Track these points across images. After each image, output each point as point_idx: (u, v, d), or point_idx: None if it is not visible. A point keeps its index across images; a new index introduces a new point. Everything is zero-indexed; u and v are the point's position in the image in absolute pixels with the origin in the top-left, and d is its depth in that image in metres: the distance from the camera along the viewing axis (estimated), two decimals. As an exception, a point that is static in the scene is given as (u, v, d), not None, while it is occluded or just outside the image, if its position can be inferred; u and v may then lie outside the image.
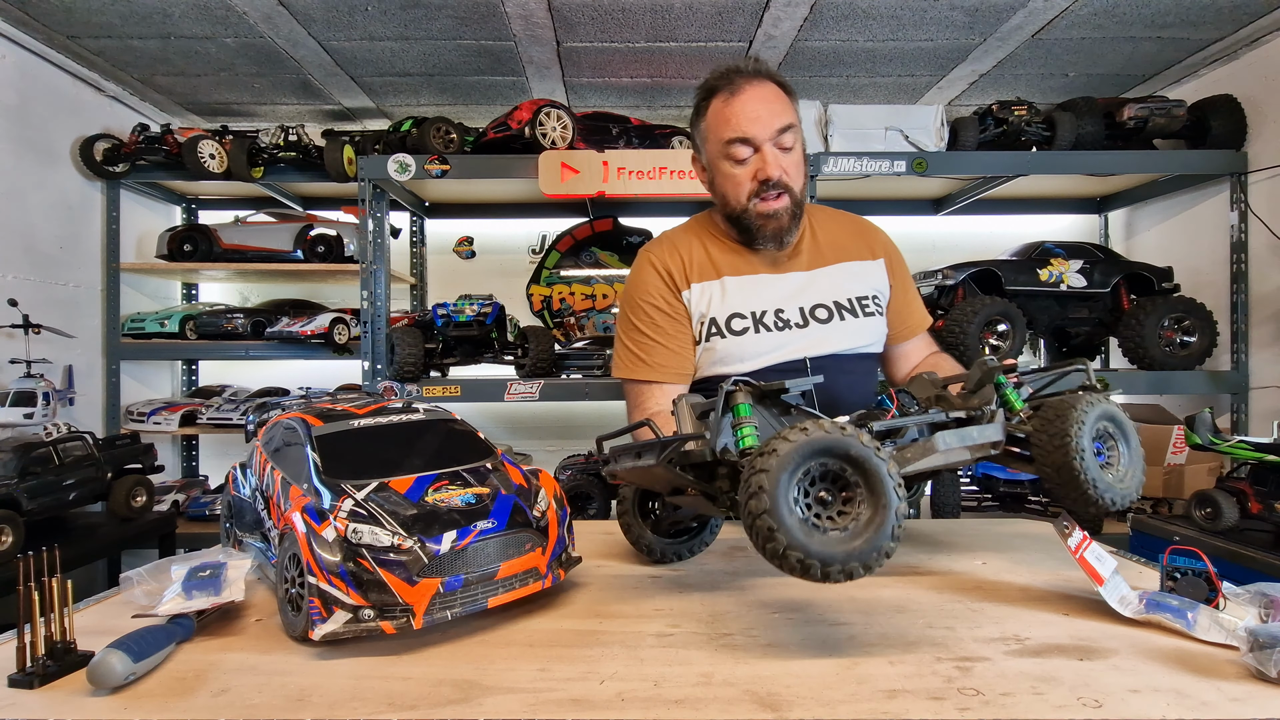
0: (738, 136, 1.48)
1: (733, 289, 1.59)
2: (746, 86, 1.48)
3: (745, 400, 0.86)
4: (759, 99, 1.48)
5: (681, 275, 1.61)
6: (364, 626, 0.78)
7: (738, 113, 1.48)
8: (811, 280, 1.62)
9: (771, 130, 1.48)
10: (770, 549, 0.71)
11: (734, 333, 1.56)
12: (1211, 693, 0.68)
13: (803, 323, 1.57)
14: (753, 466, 0.73)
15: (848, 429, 0.74)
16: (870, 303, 1.64)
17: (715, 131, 1.53)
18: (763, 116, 1.47)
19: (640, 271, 1.66)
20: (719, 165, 1.55)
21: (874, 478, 0.73)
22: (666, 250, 1.65)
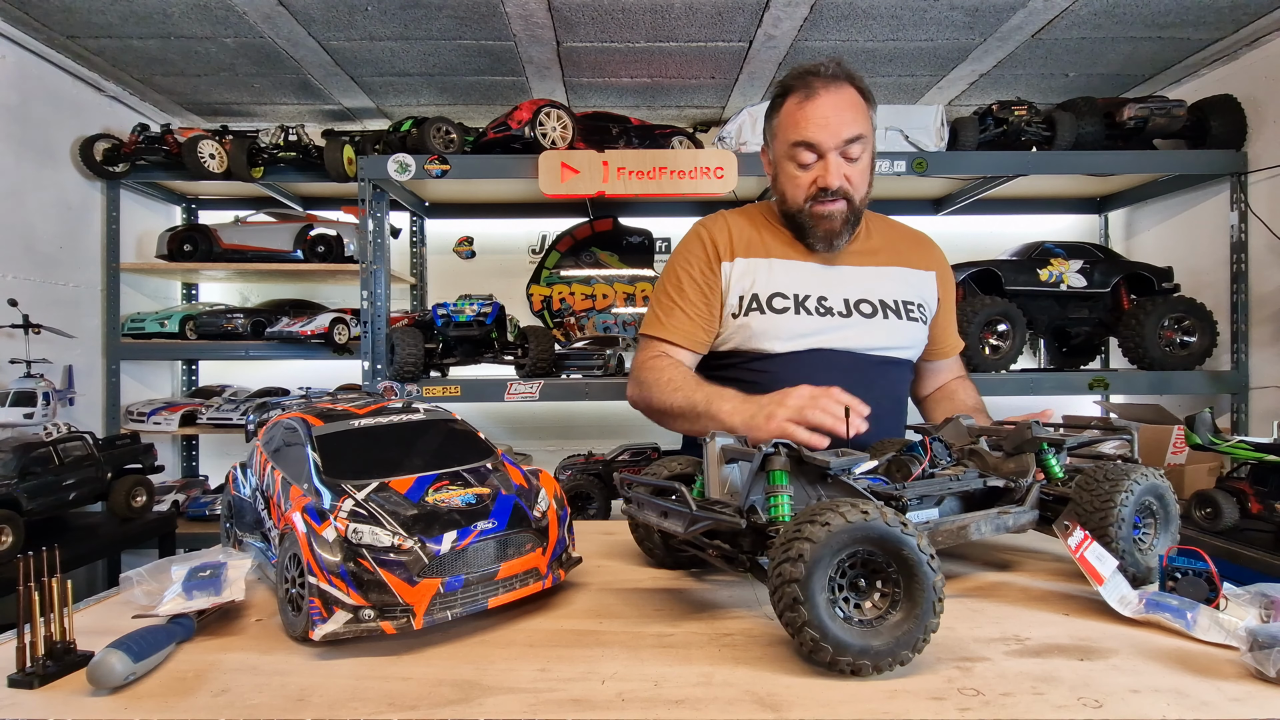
0: (803, 141, 1.50)
1: (779, 270, 1.61)
2: (821, 91, 1.49)
3: (782, 468, 0.84)
4: (832, 106, 1.48)
5: (727, 248, 1.64)
6: (364, 627, 0.78)
7: (809, 118, 1.49)
8: (860, 276, 1.64)
9: (839, 139, 1.49)
10: (790, 619, 0.70)
11: (774, 310, 1.57)
12: (1211, 693, 0.68)
13: (846, 313, 1.58)
14: (798, 532, 0.70)
15: (908, 526, 0.71)
16: (915, 309, 1.65)
17: (784, 132, 1.54)
18: (831, 124, 1.48)
19: (687, 240, 1.70)
20: (783, 164, 1.57)
21: (918, 585, 0.71)
22: (718, 224, 1.68)
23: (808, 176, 1.53)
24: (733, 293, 1.61)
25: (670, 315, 1.64)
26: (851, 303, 1.60)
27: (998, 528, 0.98)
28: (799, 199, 1.56)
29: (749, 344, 1.60)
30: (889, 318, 1.60)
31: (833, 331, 1.57)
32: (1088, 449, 1.19)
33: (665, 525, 0.87)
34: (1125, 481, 0.95)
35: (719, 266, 1.63)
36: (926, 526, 0.93)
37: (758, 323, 1.58)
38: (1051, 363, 3.43)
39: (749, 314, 1.58)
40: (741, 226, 1.67)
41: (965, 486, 1.00)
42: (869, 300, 1.61)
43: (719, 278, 1.63)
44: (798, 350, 1.56)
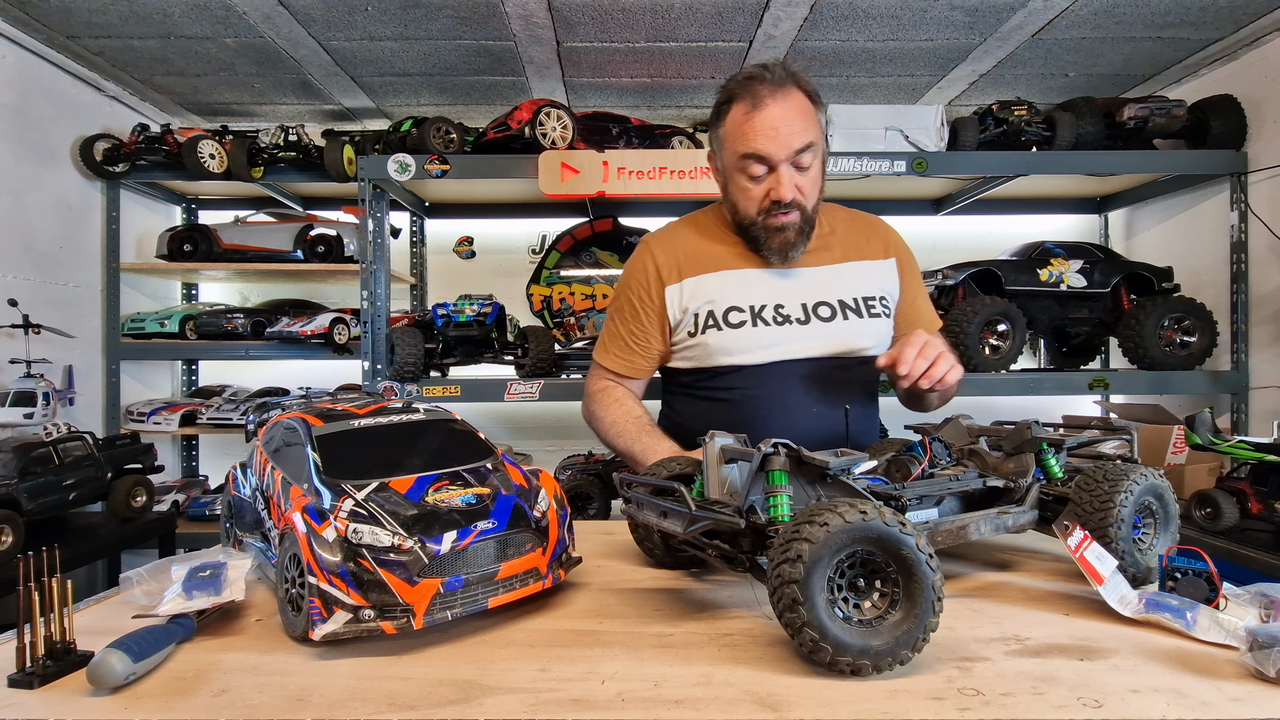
0: (753, 153, 1.45)
1: (733, 282, 1.58)
2: (769, 100, 1.43)
3: (782, 468, 0.84)
4: (780, 116, 1.43)
5: (672, 269, 1.61)
6: (364, 627, 0.78)
7: (757, 129, 1.44)
8: (817, 278, 1.60)
9: (789, 151, 1.44)
10: (789, 619, 0.70)
11: (730, 325, 1.54)
12: (1211, 692, 0.68)
13: (804, 319, 1.55)
14: (797, 533, 0.71)
15: (907, 525, 0.71)
16: (877, 304, 1.61)
17: (732, 143, 1.49)
18: (781, 135, 1.43)
19: (634, 261, 1.69)
20: (733, 176, 1.53)
21: (917, 585, 0.71)
22: (664, 243, 1.66)
23: (759, 189, 1.49)
24: (687, 312, 1.59)
25: (615, 343, 1.67)
26: (809, 307, 1.56)
27: (997, 528, 0.98)
28: (751, 212, 1.52)
29: (709, 361, 1.57)
30: (849, 318, 1.57)
31: (793, 341, 1.54)
32: (1087, 449, 1.19)
33: (665, 525, 0.87)
34: (1125, 481, 0.95)
35: (661, 293, 1.61)
36: (926, 526, 0.93)
37: (715, 339, 1.55)
38: (1051, 363, 3.43)
39: (705, 331, 1.56)
40: (690, 240, 1.64)
41: (965, 486, 1.00)
42: (827, 303, 1.57)
43: (661, 303, 1.61)
44: (760, 363, 1.54)
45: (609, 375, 1.69)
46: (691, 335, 1.58)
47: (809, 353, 1.55)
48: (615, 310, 1.70)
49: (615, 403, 1.64)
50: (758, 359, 1.54)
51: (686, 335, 1.59)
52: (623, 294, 1.68)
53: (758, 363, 1.54)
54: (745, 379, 1.56)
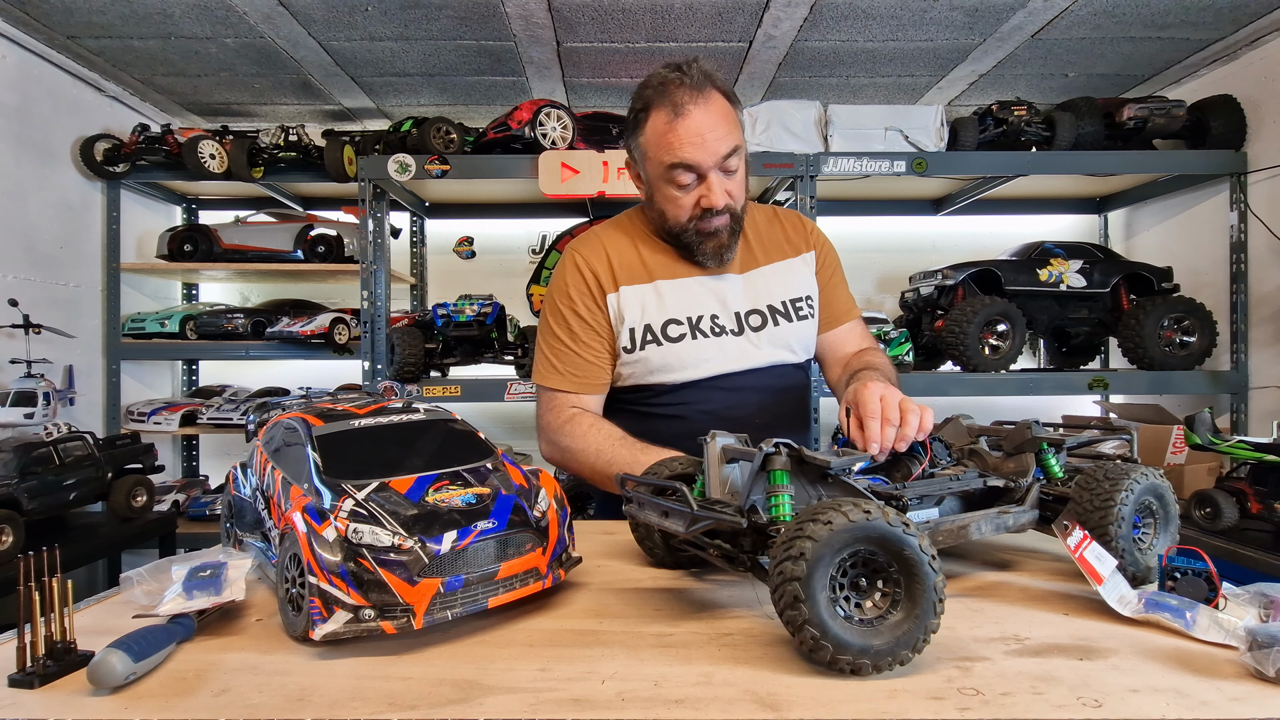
0: (681, 163, 1.40)
1: (667, 293, 1.52)
2: (690, 107, 1.37)
3: (783, 468, 0.84)
4: (704, 123, 1.38)
5: (609, 278, 1.53)
6: (364, 626, 0.78)
7: (682, 139, 1.38)
8: (745, 283, 1.57)
9: (717, 157, 1.40)
10: (790, 617, 0.70)
11: (670, 339, 1.50)
12: (1211, 692, 0.68)
13: (737, 329, 1.53)
14: (800, 530, 0.70)
15: (910, 526, 0.71)
16: (804, 304, 1.59)
17: (656, 153, 1.43)
18: (708, 142, 1.38)
19: (564, 271, 1.57)
20: (659, 186, 1.47)
21: (919, 585, 0.71)
22: (594, 250, 1.57)
23: (689, 197, 1.44)
24: (624, 324, 1.51)
25: (567, 362, 1.53)
26: (742, 316, 1.53)
27: (997, 527, 0.98)
28: (682, 219, 1.47)
29: (649, 378, 1.52)
30: (779, 324, 1.55)
31: (729, 353, 1.51)
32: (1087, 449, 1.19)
33: (666, 525, 0.87)
34: (1125, 481, 0.95)
35: (604, 301, 1.52)
36: (927, 526, 0.93)
37: (656, 356, 1.50)
38: (1051, 363, 3.43)
39: (645, 347, 1.50)
40: (620, 248, 1.56)
41: (965, 486, 1.00)
42: (757, 310, 1.55)
43: (606, 312, 1.52)
44: (701, 378, 1.51)
45: (565, 399, 1.55)
46: (629, 351, 1.51)
47: (747, 363, 1.52)
48: (555, 325, 1.55)
49: (591, 428, 1.48)
50: (700, 373, 1.50)
51: (623, 350, 1.52)
52: (561, 307, 1.54)
53: (699, 377, 1.50)
54: (688, 394, 1.52)
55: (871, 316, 3.12)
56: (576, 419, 1.51)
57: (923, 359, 3.16)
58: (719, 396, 1.52)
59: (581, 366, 1.53)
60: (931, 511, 0.99)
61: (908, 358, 3.00)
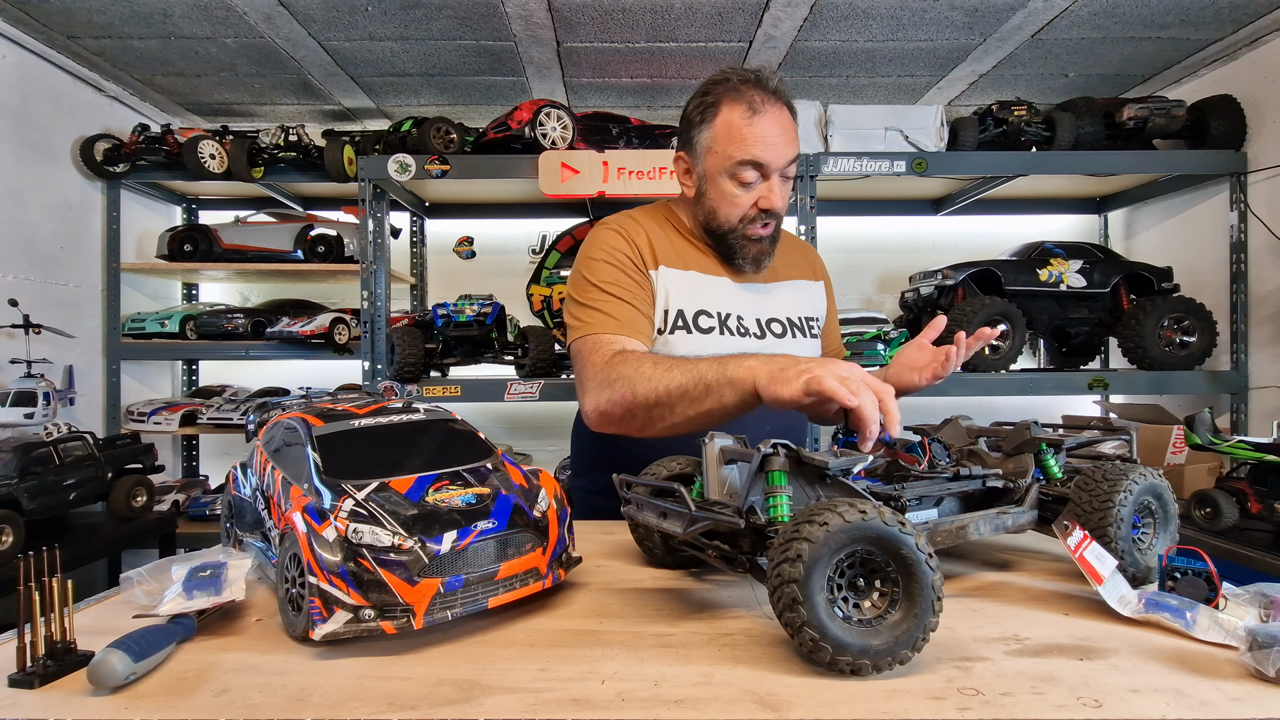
0: (752, 160, 1.41)
1: (702, 285, 1.52)
2: (768, 108, 1.41)
3: (781, 468, 0.84)
4: (778, 125, 1.41)
5: (650, 253, 1.50)
6: (364, 626, 0.78)
7: (759, 136, 1.40)
8: (768, 293, 1.58)
9: (784, 160, 1.43)
10: (789, 619, 0.70)
11: (700, 330, 1.48)
12: (1211, 692, 0.68)
13: (760, 334, 1.54)
14: (797, 532, 0.71)
15: (906, 525, 0.71)
16: (815, 325, 1.63)
17: (725, 146, 1.42)
18: (779, 145, 1.41)
19: (602, 238, 1.51)
20: (719, 180, 1.46)
21: (916, 584, 0.71)
22: (633, 226, 1.54)
23: (749, 197, 1.44)
24: (658, 305, 1.49)
25: (613, 307, 1.42)
26: (764, 322, 1.54)
27: (996, 528, 0.98)
28: (734, 219, 1.46)
29: None
30: (796, 337, 1.56)
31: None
32: (1087, 449, 1.19)
33: (664, 526, 0.87)
34: (1124, 481, 0.95)
35: (647, 271, 1.49)
36: (926, 527, 0.93)
37: (682, 343, 1.47)
38: (1051, 363, 3.43)
39: (674, 332, 1.47)
40: (656, 232, 1.54)
41: (964, 487, 1.00)
42: (779, 319, 1.56)
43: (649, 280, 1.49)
44: None
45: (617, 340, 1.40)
46: (659, 333, 1.49)
47: None
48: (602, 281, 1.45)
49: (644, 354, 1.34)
50: None
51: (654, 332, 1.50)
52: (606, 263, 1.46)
53: None
54: None
55: (871, 316, 3.12)
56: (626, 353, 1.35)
57: (923, 359, 3.15)
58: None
59: (628, 313, 1.42)
60: (930, 512, 0.99)
61: (908, 358, 2.99)
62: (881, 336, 2.98)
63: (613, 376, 1.32)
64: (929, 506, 0.99)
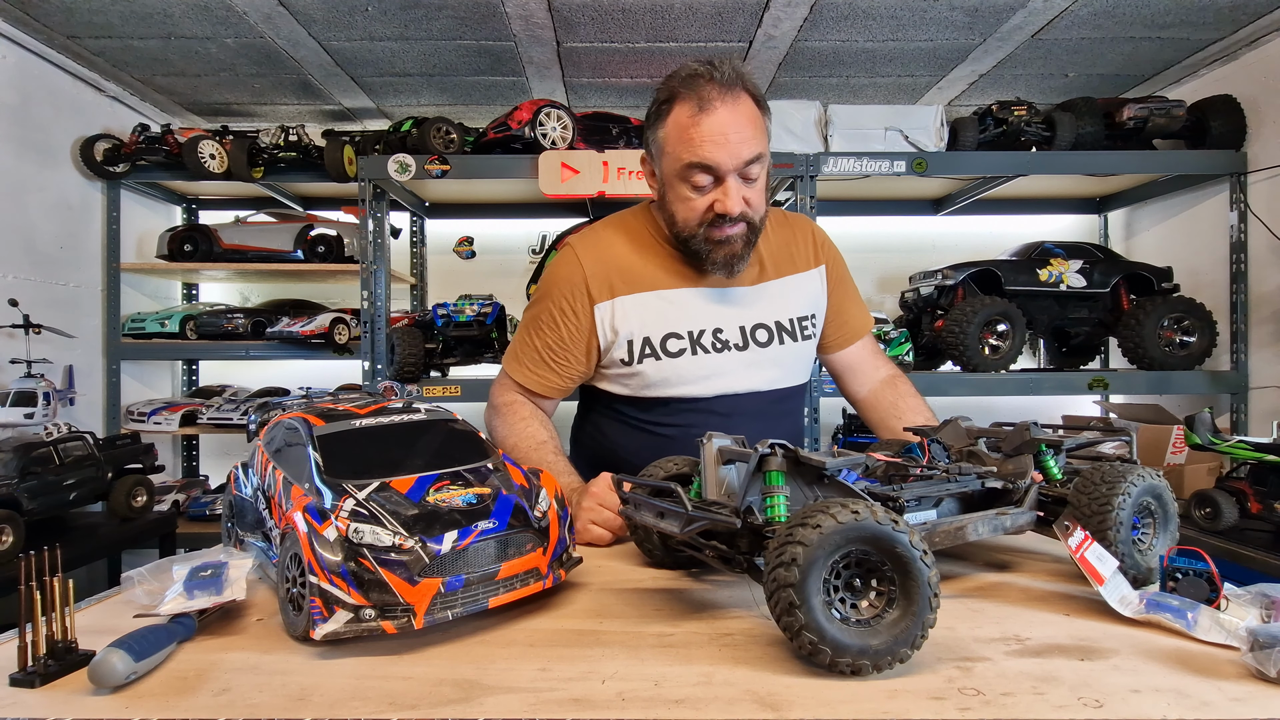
0: (699, 163, 1.32)
1: (670, 303, 1.47)
2: (718, 104, 1.30)
3: (779, 468, 0.84)
4: (730, 122, 1.30)
5: (603, 284, 1.47)
6: (365, 626, 0.78)
7: (704, 137, 1.30)
8: (754, 296, 1.51)
9: (738, 161, 1.32)
10: (787, 623, 0.70)
11: (669, 354, 1.45)
12: (1212, 693, 0.68)
13: (742, 344, 1.48)
14: (790, 536, 0.70)
15: (900, 523, 0.71)
16: (809, 323, 1.56)
17: (675, 149, 1.35)
18: (731, 144, 1.30)
19: (560, 268, 1.52)
20: (673, 184, 1.39)
21: (913, 582, 0.71)
22: (594, 252, 1.51)
23: (703, 201, 1.36)
24: (620, 336, 1.45)
25: (529, 355, 1.53)
26: (748, 330, 1.48)
27: (995, 529, 0.98)
28: (692, 223, 1.39)
29: (647, 392, 1.48)
30: (785, 342, 1.50)
31: (730, 373, 1.47)
32: (1087, 449, 1.19)
33: (662, 526, 0.87)
34: (1123, 483, 0.95)
35: (591, 311, 1.47)
36: (924, 527, 0.93)
37: (653, 370, 1.45)
38: (1051, 363, 3.43)
39: (643, 360, 1.45)
40: (620, 252, 1.49)
41: (963, 488, 1.00)
42: (765, 325, 1.50)
43: (590, 320, 1.47)
44: (701, 395, 1.47)
45: (518, 389, 1.55)
46: (626, 364, 1.47)
47: (749, 385, 1.49)
48: (532, 319, 1.53)
49: (521, 421, 1.49)
50: (699, 390, 1.47)
51: (620, 362, 1.48)
52: (544, 302, 1.51)
53: (698, 395, 1.47)
54: (685, 415, 1.48)
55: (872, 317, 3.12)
56: (514, 407, 1.54)
57: (923, 359, 3.16)
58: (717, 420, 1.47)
59: (540, 367, 1.52)
60: (929, 513, 0.99)
61: (908, 358, 3.00)
62: (882, 337, 2.98)
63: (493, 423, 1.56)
64: (928, 507, 0.99)
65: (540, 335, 1.52)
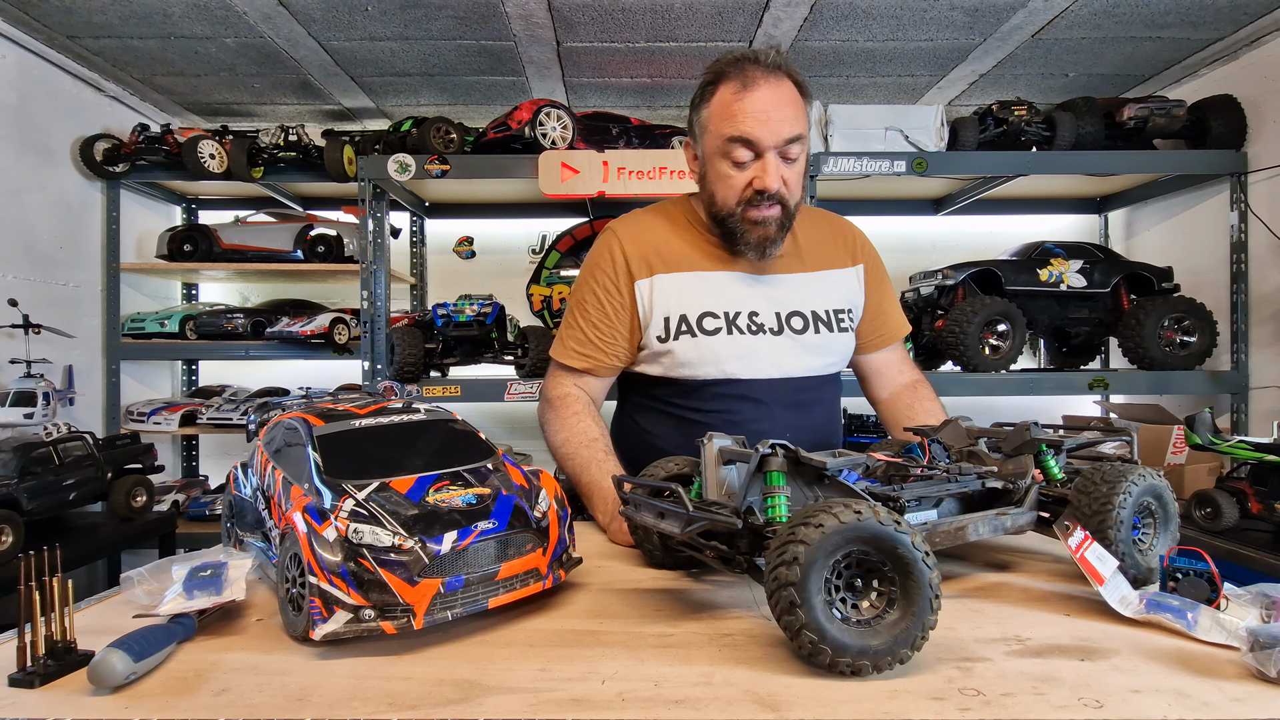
0: (741, 137, 1.35)
1: (707, 284, 1.49)
2: (762, 82, 1.34)
3: (779, 469, 0.83)
4: (773, 100, 1.35)
5: (642, 263, 1.51)
6: (365, 626, 0.78)
7: (747, 111, 1.34)
8: (790, 285, 1.53)
9: (779, 138, 1.35)
10: (787, 622, 0.70)
11: (706, 332, 1.46)
12: (1212, 693, 0.68)
13: (777, 329, 1.49)
14: (792, 534, 0.70)
15: (902, 524, 0.71)
16: (845, 317, 1.56)
17: (717, 125, 1.39)
18: (772, 120, 1.34)
19: (600, 250, 1.56)
20: (714, 161, 1.42)
21: (914, 583, 0.71)
22: (632, 234, 1.55)
23: (742, 177, 1.39)
24: (656, 312, 1.48)
25: (575, 338, 1.55)
26: (783, 317, 1.49)
27: (996, 529, 0.98)
28: (730, 202, 1.42)
29: (679, 371, 1.49)
30: (820, 331, 1.51)
31: (765, 356, 1.47)
32: (1087, 449, 1.18)
33: (662, 526, 0.87)
34: (1123, 483, 0.94)
35: (631, 287, 1.50)
36: (925, 528, 0.93)
37: (688, 348, 1.46)
38: (1051, 363, 3.43)
39: (679, 338, 1.47)
40: (660, 234, 1.54)
41: (963, 488, 1.00)
42: (800, 313, 1.50)
43: (630, 297, 1.51)
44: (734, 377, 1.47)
45: (569, 376, 1.57)
46: (662, 341, 1.48)
47: (782, 370, 1.49)
48: (577, 304, 1.56)
49: (573, 416, 1.51)
50: (733, 371, 1.47)
51: (656, 340, 1.49)
52: (586, 285, 1.55)
53: (733, 376, 1.47)
54: (716, 400, 1.49)
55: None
56: (567, 401, 1.54)
57: (923, 359, 3.16)
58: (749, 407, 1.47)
59: (588, 346, 1.53)
60: (930, 513, 0.98)
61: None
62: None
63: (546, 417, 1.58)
64: (928, 507, 0.98)
65: (585, 315, 1.54)
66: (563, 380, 1.58)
